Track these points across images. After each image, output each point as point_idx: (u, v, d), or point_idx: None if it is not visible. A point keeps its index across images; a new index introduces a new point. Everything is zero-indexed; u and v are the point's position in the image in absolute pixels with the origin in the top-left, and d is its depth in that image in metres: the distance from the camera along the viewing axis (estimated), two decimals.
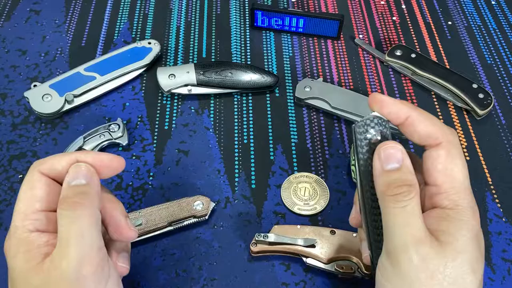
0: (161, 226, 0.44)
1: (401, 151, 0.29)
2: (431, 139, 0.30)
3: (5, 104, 0.55)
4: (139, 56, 0.57)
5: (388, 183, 0.28)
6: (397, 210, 0.27)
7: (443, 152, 0.29)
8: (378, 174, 0.29)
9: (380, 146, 0.29)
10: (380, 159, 0.29)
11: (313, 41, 0.63)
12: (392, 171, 0.28)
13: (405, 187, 0.28)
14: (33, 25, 0.63)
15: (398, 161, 0.29)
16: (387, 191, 0.28)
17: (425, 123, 0.30)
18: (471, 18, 0.66)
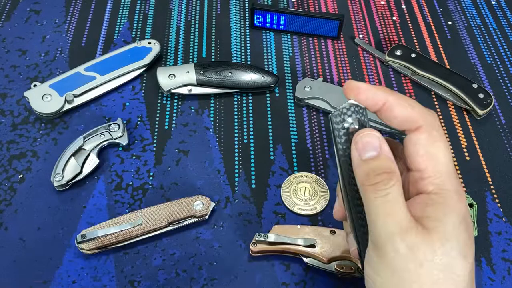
0: (161, 226, 0.44)
1: (378, 138, 0.28)
2: (410, 123, 0.29)
3: (5, 104, 0.55)
4: (139, 56, 0.57)
5: (367, 173, 0.27)
6: (378, 199, 0.27)
7: (424, 135, 0.28)
8: (356, 164, 0.28)
9: (356, 135, 0.29)
10: (357, 148, 0.28)
11: (313, 41, 0.63)
12: (370, 160, 0.28)
13: (384, 174, 0.27)
14: (33, 25, 0.63)
15: (375, 149, 0.28)
16: (366, 180, 0.27)
17: (403, 106, 0.29)
18: (471, 18, 0.66)
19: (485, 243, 0.46)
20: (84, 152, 0.50)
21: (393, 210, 0.26)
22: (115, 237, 0.44)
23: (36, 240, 0.45)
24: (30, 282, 0.43)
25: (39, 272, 0.43)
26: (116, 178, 0.50)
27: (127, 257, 0.45)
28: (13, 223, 0.46)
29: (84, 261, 0.44)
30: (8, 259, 0.44)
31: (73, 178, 0.48)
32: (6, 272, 0.43)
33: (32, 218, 0.47)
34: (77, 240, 0.43)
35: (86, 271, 0.44)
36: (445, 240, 0.26)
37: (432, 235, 0.26)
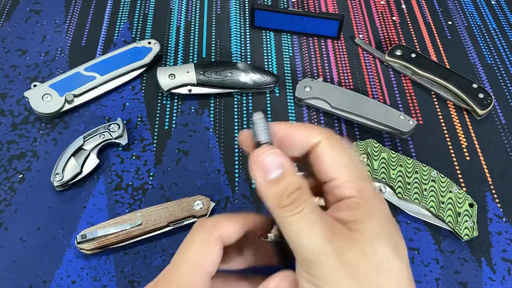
0: (161, 226, 0.44)
1: (278, 154, 0.27)
2: (310, 140, 0.29)
3: (5, 104, 0.55)
4: (139, 56, 0.57)
5: (279, 195, 0.26)
6: (296, 217, 0.26)
7: (326, 146, 0.28)
8: (263, 187, 0.27)
9: (253, 156, 0.27)
10: (259, 170, 0.27)
11: (313, 41, 0.63)
12: (278, 180, 0.26)
13: (296, 192, 0.26)
14: (33, 25, 0.63)
15: (279, 166, 0.26)
16: (280, 203, 0.26)
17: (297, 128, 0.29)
18: (471, 18, 0.66)
19: (485, 243, 0.46)
20: (84, 152, 0.50)
21: (313, 221, 0.26)
22: (115, 237, 0.44)
23: (36, 240, 0.45)
24: (30, 282, 0.43)
25: (39, 272, 0.43)
26: (116, 178, 0.50)
27: (127, 257, 0.45)
28: (13, 223, 0.46)
29: (84, 261, 0.44)
30: (8, 259, 0.44)
31: (73, 178, 0.48)
32: (6, 272, 0.43)
33: (32, 218, 0.47)
34: (77, 240, 0.43)
35: (86, 271, 0.44)
36: (373, 239, 0.26)
37: (360, 236, 0.26)
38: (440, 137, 0.54)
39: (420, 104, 0.56)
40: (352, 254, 0.25)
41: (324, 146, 0.28)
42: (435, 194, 0.47)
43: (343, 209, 0.27)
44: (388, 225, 0.27)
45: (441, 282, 0.44)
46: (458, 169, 0.51)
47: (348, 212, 0.27)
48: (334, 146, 0.29)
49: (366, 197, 0.27)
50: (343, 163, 0.28)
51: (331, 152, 0.28)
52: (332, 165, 0.28)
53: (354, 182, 0.28)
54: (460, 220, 0.45)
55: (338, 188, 0.28)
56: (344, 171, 0.28)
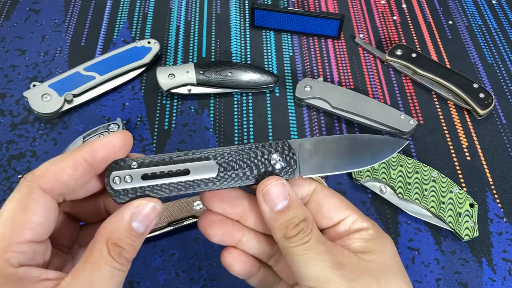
0: (161, 226, 0.44)
1: (284, 185, 0.27)
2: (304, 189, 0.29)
3: (4, 104, 0.55)
4: (139, 56, 0.57)
5: (285, 226, 0.26)
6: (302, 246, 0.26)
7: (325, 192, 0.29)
8: (269, 218, 0.27)
9: (261, 188, 0.27)
10: (266, 201, 0.27)
11: (313, 41, 0.62)
12: (285, 211, 0.26)
13: (302, 223, 0.26)
14: (33, 25, 0.63)
15: (285, 197, 0.27)
16: (286, 234, 0.26)
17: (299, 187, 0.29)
18: (472, 18, 0.66)
19: (485, 244, 0.46)
20: None
21: (321, 250, 0.26)
22: None
23: None
24: None
25: None
26: None
27: None
28: None
29: None
30: None
31: None
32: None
33: None
34: None
35: None
36: (386, 270, 0.26)
37: (372, 266, 0.26)
38: (440, 137, 0.53)
39: (420, 104, 0.56)
40: (364, 283, 0.25)
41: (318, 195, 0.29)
42: (435, 194, 0.47)
43: (357, 239, 0.28)
44: (398, 257, 0.28)
45: (441, 283, 0.44)
46: (459, 169, 0.51)
47: (361, 243, 0.27)
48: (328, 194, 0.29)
49: (379, 230, 0.28)
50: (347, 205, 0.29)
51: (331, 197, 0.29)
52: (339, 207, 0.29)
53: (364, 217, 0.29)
54: (461, 220, 0.45)
55: (355, 223, 0.28)
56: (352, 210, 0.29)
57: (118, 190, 0.27)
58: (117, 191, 0.27)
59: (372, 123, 0.52)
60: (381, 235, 0.28)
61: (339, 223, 0.29)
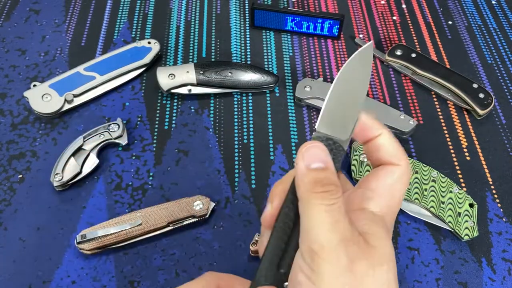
0: (161, 226, 0.44)
1: (325, 152, 0.28)
2: (394, 159, 0.30)
3: (4, 104, 0.55)
4: (139, 56, 0.57)
5: (315, 181, 0.27)
6: (324, 207, 0.26)
7: (399, 172, 0.29)
8: (301, 173, 0.27)
9: (302, 146, 0.28)
10: (303, 158, 0.28)
11: (313, 41, 0.63)
12: (318, 170, 0.27)
13: (332, 186, 0.27)
14: (33, 25, 0.63)
15: (323, 162, 0.28)
16: (313, 188, 0.27)
17: (394, 143, 0.30)
18: (472, 18, 0.66)
19: (485, 243, 0.46)
20: (84, 152, 0.49)
21: (339, 219, 0.26)
22: (115, 237, 0.43)
23: (36, 240, 0.45)
24: (30, 282, 0.43)
25: (39, 272, 0.43)
26: (116, 178, 0.49)
27: (127, 257, 0.44)
28: (13, 223, 0.46)
29: (84, 261, 0.44)
30: (8, 259, 0.44)
31: (73, 178, 0.48)
32: (6, 272, 0.43)
33: (32, 218, 0.47)
34: (77, 240, 0.43)
35: (86, 271, 0.44)
36: (385, 260, 0.26)
37: (374, 251, 0.26)
38: (440, 137, 0.54)
39: (420, 104, 0.56)
40: (362, 266, 0.25)
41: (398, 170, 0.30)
42: (435, 194, 0.47)
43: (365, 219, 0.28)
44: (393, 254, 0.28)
45: (441, 282, 0.44)
46: (458, 169, 0.51)
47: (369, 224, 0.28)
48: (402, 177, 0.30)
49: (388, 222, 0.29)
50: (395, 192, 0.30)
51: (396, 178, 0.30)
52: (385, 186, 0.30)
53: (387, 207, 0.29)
54: (460, 220, 0.45)
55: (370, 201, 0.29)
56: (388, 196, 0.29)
57: None
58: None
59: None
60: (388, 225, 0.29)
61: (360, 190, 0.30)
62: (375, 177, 0.30)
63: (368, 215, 0.28)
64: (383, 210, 0.29)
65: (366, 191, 0.29)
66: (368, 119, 0.30)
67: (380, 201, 0.29)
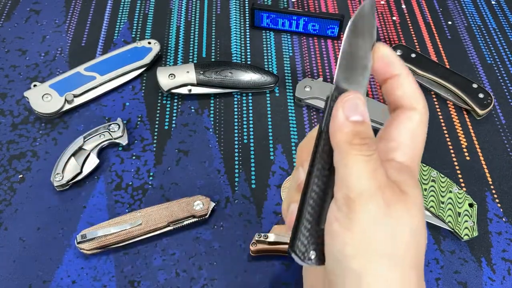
0: (161, 226, 0.44)
1: (365, 105, 0.28)
2: (413, 101, 0.30)
3: (5, 104, 0.55)
4: (139, 56, 0.57)
5: (353, 133, 0.27)
6: (362, 157, 0.27)
7: (418, 116, 0.29)
8: (341, 124, 0.27)
9: (343, 95, 0.28)
10: (344, 108, 0.27)
11: (313, 41, 0.63)
12: (357, 123, 0.27)
13: (369, 139, 0.27)
14: (33, 25, 0.63)
15: (362, 115, 0.28)
16: (352, 140, 0.27)
17: (413, 84, 0.30)
18: (471, 18, 0.66)
19: (485, 243, 0.46)
20: (84, 152, 0.50)
21: (377, 167, 0.27)
22: (115, 237, 0.44)
23: (36, 240, 0.45)
24: (30, 282, 0.43)
25: (39, 272, 0.43)
26: (116, 178, 0.50)
27: (127, 257, 0.45)
28: (13, 223, 0.46)
29: (84, 261, 0.44)
30: (8, 259, 0.44)
31: (73, 178, 0.48)
32: (6, 272, 0.43)
33: (32, 218, 0.47)
34: (77, 240, 0.43)
35: (86, 271, 0.44)
36: (416, 206, 0.27)
37: (407, 197, 0.27)
38: (440, 137, 0.54)
39: None
40: (398, 210, 0.26)
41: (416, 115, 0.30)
42: (435, 194, 0.47)
43: (395, 168, 0.28)
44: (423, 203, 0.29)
45: (441, 282, 0.44)
46: (458, 169, 0.51)
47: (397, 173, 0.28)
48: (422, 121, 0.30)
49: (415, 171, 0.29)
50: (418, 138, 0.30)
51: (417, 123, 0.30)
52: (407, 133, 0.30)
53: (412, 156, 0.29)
54: (460, 220, 0.45)
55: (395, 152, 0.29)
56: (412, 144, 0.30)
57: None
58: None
59: (371, 123, 0.53)
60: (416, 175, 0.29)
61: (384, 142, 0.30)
62: (395, 126, 0.30)
63: (396, 165, 0.29)
64: (409, 159, 0.29)
65: (390, 143, 0.30)
66: (390, 53, 0.30)
67: (404, 150, 0.29)
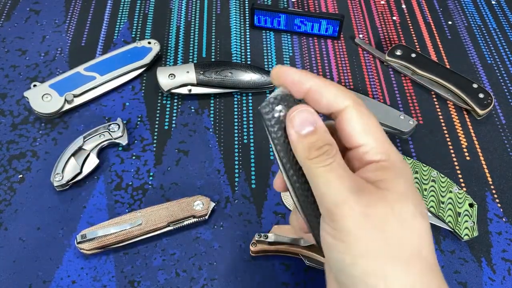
0: (161, 226, 0.44)
1: (311, 113, 0.28)
2: (338, 102, 0.29)
3: (5, 104, 0.55)
4: (139, 56, 0.57)
5: (308, 147, 0.27)
6: (324, 168, 0.27)
7: (355, 112, 0.29)
8: (295, 141, 0.28)
9: (290, 112, 0.28)
10: (293, 125, 0.28)
11: (313, 41, 0.63)
12: (309, 135, 0.28)
13: (326, 146, 0.27)
14: (33, 25, 0.63)
15: (312, 123, 0.28)
16: (309, 155, 0.27)
17: (329, 88, 0.29)
18: (471, 18, 0.66)
19: (485, 243, 0.46)
20: (84, 152, 0.50)
21: (341, 174, 0.27)
22: (115, 237, 0.43)
23: (36, 240, 0.45)
24: (30, 282, 0.43)
25: (39, 272, 0.43)
26: (116, 178, 0.50)
27: (127, 257, 0.44)
28: (13, 223, 0.46)
29: (84, 261, 0.44)
30: (8, 259, 0.44)
31: (73, 178, 0.48)
32: (6, 272, 0.43)
33: (32, 218, 0.47)
34: (77, 240, 0.43)
35: (86, 271, 0.44)
36: (400, 197, 0.27)
37: (387, 193, 0.27)
38: (440, 137, 0.54)
39: (420, 104, 0.56)
40: (378, 208, 0.26)
41: (352, 111, 0.29)
42: (435, 194, 0.47)
43: (371, 170, 0.28)
44: (412, 187, 0.28)
45: None
46: (458, 169, 0.51)
47: (375, 172, 0.28)
48: (362, 112, 0.29)
49: (393, 161, 0.28)
50: (371, 129, 0.29)
51: (359, 118, 0.29)
52: (360, 131, 0.29)
53: (382, 147, 0.28)
54: (460, 220, 0.45)
55: (366, 154, 0.28)
56: (371, 137, 0.29)
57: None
58: None
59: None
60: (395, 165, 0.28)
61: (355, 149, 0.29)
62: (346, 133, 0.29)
63: (373, 167, 0.28)
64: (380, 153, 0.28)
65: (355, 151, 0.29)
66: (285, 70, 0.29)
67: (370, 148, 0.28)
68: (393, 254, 0.26)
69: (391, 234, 0.26)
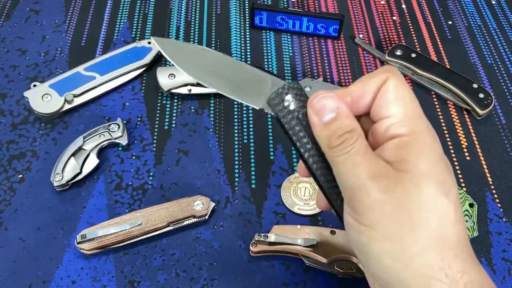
0: (161, 226, 0.44)
1: (333, 98, 0.28)
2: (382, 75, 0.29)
3: (4, 104, 0.55)
4: (139, 56, 0.57)
5: (330, 136, 0.28)
6: (343, 156, 0.27)
7: (391, 83, 0.29)
8: (319, 129, 0.28)
9: (310, 100, 0.29)
10: (315, 112, 0.28)
11: (313, 41, 0.63)
12: (330, 122, 0.28)
13: (346, 134, 0.27)
14: (33, 25, 0.63)
15: (333, 110, 0.28)
16: (330, 143, 0.28)
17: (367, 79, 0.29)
18: (472, 18, 0.66)
19: (485, 243, 0.46)
20: (84, 152, 0.50)
21: (359, 160, 0.27)
22: (115, 237, 0.43)
23: (36, 240, 0.45)
24: (30, 282, 0.43)
25: (39, 272, 0.43)
26: (116, 178, 0.49)
27: (127, 257, 0.44)
28: (13, 223, 0.46)
29: (84, 261, 0.44)
30: (8, 259, 0.44)
31: (73, 178, 0.48)
32: (6, 272, 0.43)
33: (32, 218, 0.47)
34: (77, 240, 0.43)
35: (86, 271, 0.44)
36: (420, 179, 0.26)
37: (406, 176, 0.26)
38: (440, 137, 0.53)
39: (420, 104, 0.56)
40: (396, 193, 0.26)
41: (388, 84, 0.29)
42: None
43: (391, 148, 0.28)
44: (438, 164, 0.27)
45: None
46: (458, 169, 0.51)
47: (396, 151, 0.27)
48: (398, 85, 0.29)
49: (419, 135, 0.28)
50: (403, 101, 0.29)
51: (394, 89, 0.29)
52: (392, 103, 0.28)
53: (409, 120, 0.28)
54: None
55: (392, 126, 0.28)
56: (402, 109, 0.28)
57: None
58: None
59: None
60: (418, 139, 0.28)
61: (380, 121, 0.29)
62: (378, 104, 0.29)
63: (394, 143, 0.28)
64: (407, 126, 0.28)
65: (383, 122, 0.29)
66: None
67: (398, 122, 0.28)
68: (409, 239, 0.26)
69: (406, 219, 0.26)
